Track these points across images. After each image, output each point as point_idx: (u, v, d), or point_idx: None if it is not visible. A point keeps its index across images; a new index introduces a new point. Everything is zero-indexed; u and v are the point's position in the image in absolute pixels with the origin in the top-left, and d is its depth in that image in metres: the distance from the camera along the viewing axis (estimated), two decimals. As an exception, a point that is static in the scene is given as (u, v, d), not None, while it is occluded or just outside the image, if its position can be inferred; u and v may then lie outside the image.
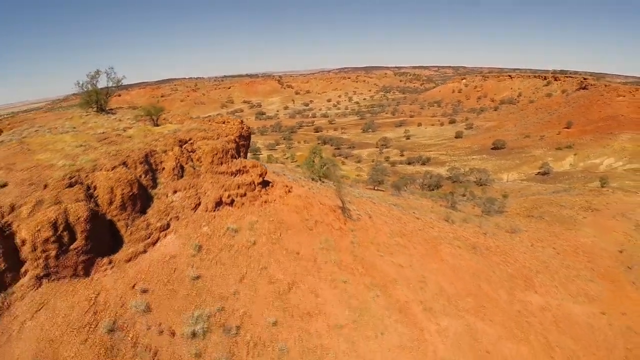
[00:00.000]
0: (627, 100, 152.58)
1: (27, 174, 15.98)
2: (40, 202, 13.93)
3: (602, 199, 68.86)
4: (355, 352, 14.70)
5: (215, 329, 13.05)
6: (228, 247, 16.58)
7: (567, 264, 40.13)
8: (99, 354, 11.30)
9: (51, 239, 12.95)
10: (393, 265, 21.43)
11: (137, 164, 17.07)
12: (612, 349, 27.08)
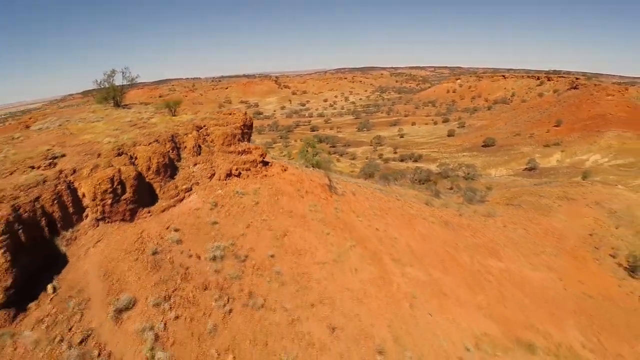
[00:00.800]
0: (616, 99, 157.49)
1: (80, 148, 21.00)
2: (97, 166, 18.89)
3: (579, 189, 74.25)
4: (334, 281, 19.73)
5: (229, 256, 18.06)
6: (237, 205, 21.61)
7: (535, 242, 45.34)
8: (147, 268, 16.27)
9: (108, 191, 17.93)
10: (370, 228, 26.50)
11: (166, 142, 22.07)
12: (562, 305, 32.21)
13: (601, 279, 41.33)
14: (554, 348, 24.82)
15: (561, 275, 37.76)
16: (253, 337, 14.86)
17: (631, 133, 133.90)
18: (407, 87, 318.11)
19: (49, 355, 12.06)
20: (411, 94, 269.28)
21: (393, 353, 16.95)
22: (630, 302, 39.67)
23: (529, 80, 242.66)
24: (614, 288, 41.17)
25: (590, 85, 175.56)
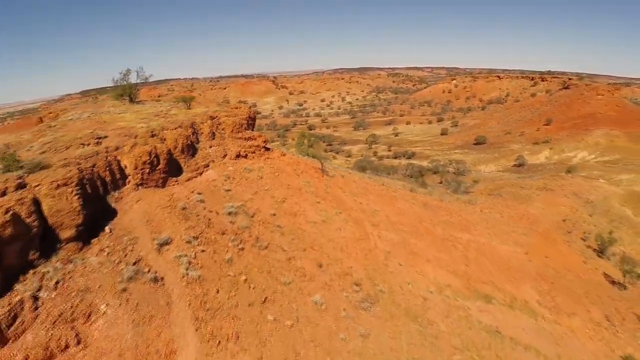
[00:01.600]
0: (606, 99, 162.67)
1: (118, 131, 26.38)
2: (135, 144, 24.28)
3: (559, 182, 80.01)
4: (322, 235, 25.19)
5: (240, 213, 23.50)
6: (245, 178, 27.07)
7: (508, 223, 50.90)
8: (179, 218, 21.68)
9: (146, 162, 23.34)
10: (354, 202, 31.99)
11: (187, 128, 27.52)
12: (523, 271, 37.71)
13: (568, 256, 46.83)
14: (509, 301, 30.28)
15: (528, 251, 43.25)
16: (259, 267, 20.29)
17: (619, 131, 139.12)
18: (404, 88, 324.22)
19: (111, 271, 17.43)
20: (407, 94, 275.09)
21: (367, 286, 22.40)
22: (593, 276, 45.26)
23: (523, 80, 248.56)
24: (579, 264, 46.69)
25: (582, 85, 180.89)
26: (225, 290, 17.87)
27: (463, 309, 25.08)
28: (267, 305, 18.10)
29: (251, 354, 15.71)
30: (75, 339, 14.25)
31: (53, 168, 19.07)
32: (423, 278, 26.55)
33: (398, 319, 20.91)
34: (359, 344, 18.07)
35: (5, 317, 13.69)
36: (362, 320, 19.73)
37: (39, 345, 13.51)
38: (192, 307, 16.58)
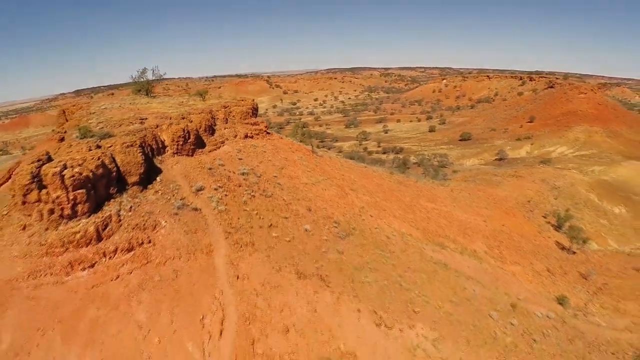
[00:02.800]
0: (588, 97, 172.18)
1: (154, 115, 35.25)
2: (171, 123, 33.16)
3: (529, 170, 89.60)
4: (312, 192, 34.27)
5: (250, 173, 32.51)
6: (253, 151, 36.08)
7: (473, 200, 59.98)
8: (207, 175, 30.65)
9: (181, 136, 32.24)
10: (338, 174, 41.10)
11: (207, 113, 36.49)
12: (477, 231, 46.85)
13: (523, 226, 56.04)
14: (460, 249, 39.42)
15: (486, 219, 52.41)
16: (266, 207, 29.30)
17: (598, 128, 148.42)
18: (396, 87, 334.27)
19: (165, 203, 26.30)
20: (399, 94, 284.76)
21: (343, 225, 31.45)
22: (545, 242, 54.49)
23: (512, 80, 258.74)
24: (533, 233, 55.91)
25: (565, 84, 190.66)
26: (243, 218, 26.86)
27: (419, 248, 34.20)
28: (272, 228, 27.11)
29: (262, 253, 24.67)
30: (147, 239, 23.15)
31: (118, 136, 27.97)
32: (388, 226, 35.66)
33: (366, 246, 29.98)
34: (335, 256, 27.08)
35: (100, 224, 22.53)
36: (338, 243, 28.77)
37: (123, 241, 22.38)
38: (222, 226, 25.55)
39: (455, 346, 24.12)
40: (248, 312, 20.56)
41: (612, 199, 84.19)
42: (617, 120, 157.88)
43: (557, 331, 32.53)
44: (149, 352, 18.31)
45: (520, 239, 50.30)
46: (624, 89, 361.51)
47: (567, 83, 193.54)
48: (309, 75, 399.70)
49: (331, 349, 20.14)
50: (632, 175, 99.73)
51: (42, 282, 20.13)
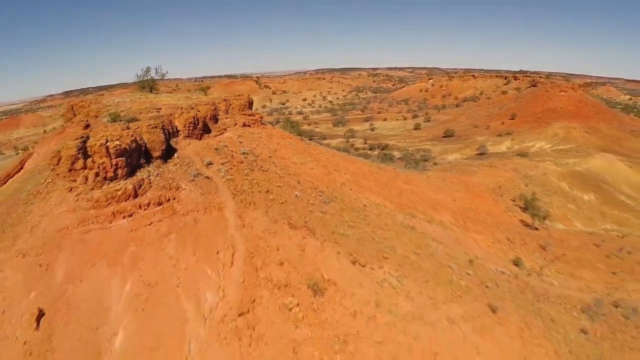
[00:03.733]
0: (568, 95, 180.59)
1: (167, 106, 41.84)
2: (182, 112, 39.75)
3: (504, 161, 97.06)
4: (301, 170, 41.14)
5: (249, 153, 39.30)
6: (250, 137, 42.84)
7: (447, 185, 67.19)
8: (214, 153, 37.37)
9: (191, 123, 38.89)
10: (323, 158, 47.99)
11: (211, 105, 43.17)
12: (446, 206, 53.77)
13: (490, 206, 63.29)
14: (428, 219, 46.40)
15: (456, 199, 59.58)
16: (263, 178, 36.06)
17: (577, 124, 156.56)
18: (384, 87, 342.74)
19: (183, 172, 32.93)
20: (386, 94, 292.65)
21: (327, 194, 38.29)
22: (510, 219, 61.62)
23: (497, 79, 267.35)
24: (499, 211, 63.07)
25: (547, 83, 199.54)
26: (246, 185, 33.59)
27: (391, 215, 41.15)
28: (269, 193, 33.86)
29: (261, 210, 31.39)
30: (172, 197, 29.79)
31: (143, 120, 34.58)
32: (365, 198, 42.57)
33: (345, 210, 36.84)
34: (320, 215, 33.89)
35: (136, 184, 29.04)
36: (322, 206, 35.60)
37: (154, 198, 28.99)
38: (229, 190, 32.26)
39: (416, 283, 30.98)
40: (252, 249, 27.24)
41: (582, 187, 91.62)
42: (596, 117, 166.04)
43: (509, 283, 39.45)
44: (178, 275, 24.95)
45: (485, 216, 57.43)
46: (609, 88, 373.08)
47: (549, 82, 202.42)
48: (298, 75, 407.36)
49: (316, 277, 26.84)
50: (604, 166, 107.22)
51: (90, 229, 26.66)
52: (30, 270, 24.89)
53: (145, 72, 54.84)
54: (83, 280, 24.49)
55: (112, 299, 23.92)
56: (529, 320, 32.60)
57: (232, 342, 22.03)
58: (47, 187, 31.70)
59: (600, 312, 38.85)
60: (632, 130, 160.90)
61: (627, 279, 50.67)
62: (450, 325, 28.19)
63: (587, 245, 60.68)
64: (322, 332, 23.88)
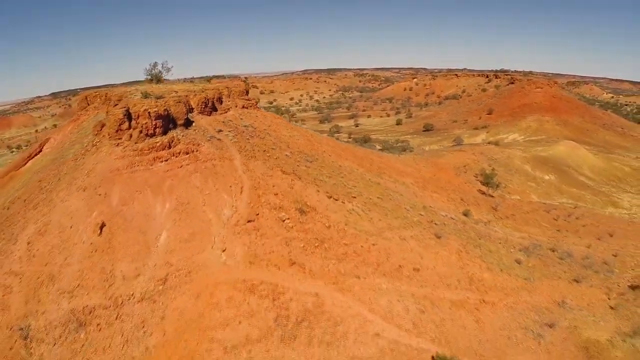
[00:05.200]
0: (543, 91, 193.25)
1: (182, 90, 53.08)
2: (195, 94, 50.98)
3: (474, 147, 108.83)
4: (290, 140, 52.75)
5: (249, 126, 50.77)
6: (249, 116, 54.38)
7: (416, 162, 78.80)
8: (223, 125, 48.72)
9: (203, 102, 50.27)
10: (308, 134, 59.60)
11: (216, 90, 54.53)
12: (411, 175, 65.40)
13: (452, 177, 75.09)
14: (393, 180, 57.99)
15: (420, 171, 71.28)
16: (261, 143, 47.49)
17: (549, 117, 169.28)
18: (370, 87, 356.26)
19: (201, 135, 44.24)
20: (372, 93, 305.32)
21: (310, 156, 49.82)
22: (467, 188, 73.30)
23: (479, 78, 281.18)
24: (459, 182, 74.64)
25: (524, 80, 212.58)
26: (248, 146, 45.01)
27: (361, 174, 52.89)
28: (265, 152, 45.33)
29: (260, 161, 42.75)
30: (196, 149, 41.03)
31: (168, 97, 45.69)
32: (342, 163, 54.12)
33: (324, 167, 48.42)
34: (304, 167, 45.39)
35: (169, 139, 40.23)
36: (306, 163, 47.20)
37: (183, 149, 40.24)
38: (236, 148, 43.61)
39: (377, 214, 42.52)
40: (255, 184, 38.57)
41: (544, 169, 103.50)
42: (569, 111, 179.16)
43: (456, 225, 50.94)
44: (203, 198, 36.22)
45: (445, 183, 69.27)
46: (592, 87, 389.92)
47: (526, 79, 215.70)
48: (285, 76, 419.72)
49: (301, 203, 38.12)
50: (568, 152, 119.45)
51: (136, 169, 37.79)
52: (91, 198, 35.91)
53: (153, 67, 65.53)
54: (134, 202, 35.64)
55: (157, 213, 35.15)
56: (468, 248, 43.94)
57: (243, 236, 33.32)
58: (94, 146, 42.71)
59: (537, 252, 49.55)
60: (603, 124, 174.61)
61: (569, 236, 61.94)
62: (402, 241, 39.73)
63: (537, 210, 72.28)
64: (306, 235, 35.26)
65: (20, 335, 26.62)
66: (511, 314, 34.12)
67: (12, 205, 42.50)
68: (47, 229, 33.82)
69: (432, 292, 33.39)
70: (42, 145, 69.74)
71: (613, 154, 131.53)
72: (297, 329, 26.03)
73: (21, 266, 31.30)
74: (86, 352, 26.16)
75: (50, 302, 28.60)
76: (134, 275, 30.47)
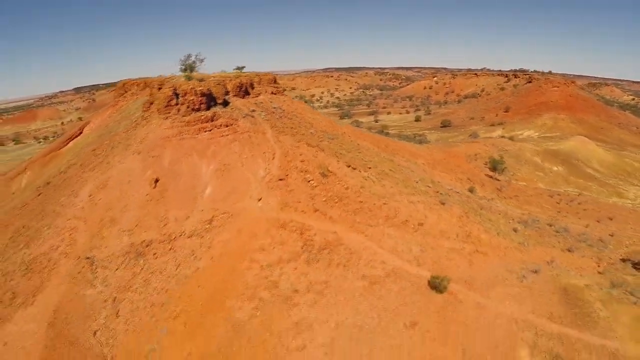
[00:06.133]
0: (560, 90, 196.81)
1: (219, 76, 60.28)
2: (231, 80, 58.16)
3: (486, 139, 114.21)
4: (313, 121, 59.85)
5: (278, 108, 58.09)
6: (277, 100, 61.73)
7: (429, 149, 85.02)
8: (256, 106, 55.85)
9: (237, 86, 57.69)
10: (329, 119, 66.25)
11: (249, 77, 61.75)
12: (423, 156, 71.68)
13: (462, 163, 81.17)
14: (405, 159, 64.35)
15: (432, 155, 77.49)
16: (288, 122, 54.59)
17: (565, 115, 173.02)
18: (390, 85, 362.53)
19: (237, 112, 51.31)
20: (392, 91, 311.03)
21: (332, 134, 56.64)
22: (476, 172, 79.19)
23: (498, 77, 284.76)
24: (469, 167, 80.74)
25: (542, 79, 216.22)
26: (278, 123, 52.21)
27: (377, 152, 59.58)
28: (293, 129, 52.44)
29: (289, 135, 49.87)
30: (234, 123, 48.29)
31: (210, 80, 52.92)
32: (359, 142, 60.91)
33: (344, 144, 55.24)
34: (327, 142, 52.34)
35: (212, 114, 47.53)
36: (328, 140, 54.09)
37: (223, 122, 47.56)
38: (268, 124, 50.84)
39: (389, 183, 49.16)
40: (284, 153, 45.57)
41: (553, 161, 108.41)
42: (585, 110, 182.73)
43: (460, 197, 57.31)
44: (242, 161, 43.40)
45: (454, 166, 75.49)
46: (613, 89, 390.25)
47: (543, 78, 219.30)
48: (306, 74, 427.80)
49: (324, 168, 44.86)
50: (578, 146, 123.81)
51: (184, 137, 45.10)
52: (145, 160, 43.30)
53: (187, 58, 72.88)
54: (183, 163, 42.94)
55: (202, 172, 42.43)
56: (469, 214, 50.29)
57: (275, 190, 40.35)
58: (144, 119, 50.14)
59: (535, 225, 55.44)
60: (619, 123, 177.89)
61: (569, 217, 67.38)
62: (409, 203, 46.32)
63: (541, 195, 77.92)
64: (327, 192, 42.13)
65: (87, 262, 34.06)
66: (501, 262, 40.40)
67: (68, 170, 50.40)
68: (107, 184, 41.36)
69: (433, 241, 39.91)
70: (82, 127, 78.33)
71: (625, 150, 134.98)
72: (319, 254, 32.84)
73: (85, 212, 38.93)
74: (145, 274, 33.37)
75: (112, 238, 35.99)
76: (184, 217, 37.71)
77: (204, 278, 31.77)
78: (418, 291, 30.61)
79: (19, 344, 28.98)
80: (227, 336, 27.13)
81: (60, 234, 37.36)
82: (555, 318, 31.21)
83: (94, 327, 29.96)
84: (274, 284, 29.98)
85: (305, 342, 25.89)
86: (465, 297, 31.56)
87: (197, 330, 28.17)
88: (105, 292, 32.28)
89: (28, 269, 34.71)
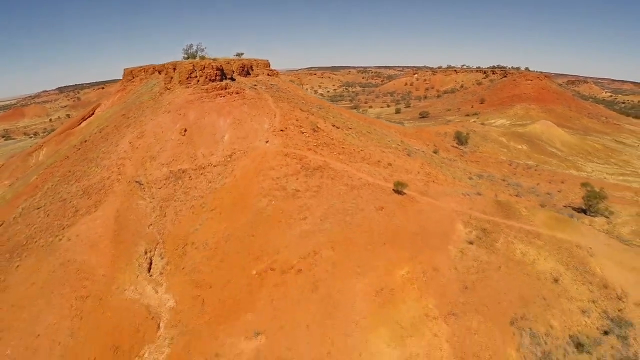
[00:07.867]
0: (533, 83, 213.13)
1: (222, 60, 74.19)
2: (235, 62, 71.98)
3: (456, 122, 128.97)
4: (305, 97, 73.90)
5: (274, 84, 72.14)
6: (273, 79, 76.15)
7: (404, 129, 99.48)
8: (255, 82, 69.77)
9: (240, 67, 71.56)
10: (316, 97, 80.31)
11: (248, 61, 75.60)
12: (395, 128, 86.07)
13: (432, 137, 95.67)
14: (381, 129, 78.61)
15: (406, 129, 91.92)
16: (285, 95, 68.66)
17: (536, 106, 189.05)
18: (373, 83, 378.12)
19: (243, 85, 65.18)
20: (374, 88, 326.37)
21: (320, 106, 70.84)
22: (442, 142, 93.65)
23: (477, 74, 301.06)
24: (437, 139, 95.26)
25: (516, 73, 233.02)
26: (276, 94, 66.40)
27: (357, 121, 73.77)
28: (289, 99, 66.52)
29: (286, 102, 64.12)
30: (242, 91, 62.39)
31: (220, 59, 66.74)
32: (342, 113, 75.10)
33: (330, 112, 69.54)
34: (318, 110, 66.54)
35: (225, 84, 61.41)
36: (317, 109, 68.28)
37: (234, 90, 61.85)
38: (268, 94, 64.88)
39: (365, 140, 63.60)
40: (283, 114, 59.70)
41: (518, 141, 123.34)
42: (556, 101, 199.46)
43: (425, 154, 71.75)
44: (251, 117, 57.54)
45: (425, 139, 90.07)
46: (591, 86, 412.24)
47: (517, 72, 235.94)
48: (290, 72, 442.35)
49: (314, 125, 59.09)
50: (542, 129, 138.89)
51: (204, 101, 59.05)
52: (174, 116, 57.21)
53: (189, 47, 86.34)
54: (205, 119, 56.88)
55: (220, 125, 56.45)
56: (431, 164, 64.83)
57: (278, 136, 54.49)
58: (167, 89, 63.90)
59: (489, 178, 69.86)
60: (588, 114, 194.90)
61: (524, 176, 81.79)
62: (382, 152, 60.86)
63: (502, 163, 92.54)
64: (317, 140, 56.33)
65: (136, 184, 47.74)
66: (453, 189, 54.77)
67: (104, 129, 63.82)
68: (144, 134, 55.11)
69: (399, 174, 54.24)
70: (94, 109, 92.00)
71: (590, 136, 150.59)
72: (314, 172, 46.99)
73: (128, 154, 52.72)
74: (183, 189, 47.34)
75: (153, 169, 49.85)
76: (209, 154, 51.86)
77: (230, 187, 45.96)
78: (384, 192, 44.78)
79: (90, 234, 41.88)
80: (251, 217, 41.17)
81: (109, 169, 50.79)
82: (487, 212, 45.35)
83: (148, 222, 43.64)
84: (282, 187, 44.03)
85: (307, 215, 39.99)
86: (420, 199, 45.76)
87: (229, 215, 42.27)
88: (154, 202, 46.14)
89: (85, 193, 47.78)
